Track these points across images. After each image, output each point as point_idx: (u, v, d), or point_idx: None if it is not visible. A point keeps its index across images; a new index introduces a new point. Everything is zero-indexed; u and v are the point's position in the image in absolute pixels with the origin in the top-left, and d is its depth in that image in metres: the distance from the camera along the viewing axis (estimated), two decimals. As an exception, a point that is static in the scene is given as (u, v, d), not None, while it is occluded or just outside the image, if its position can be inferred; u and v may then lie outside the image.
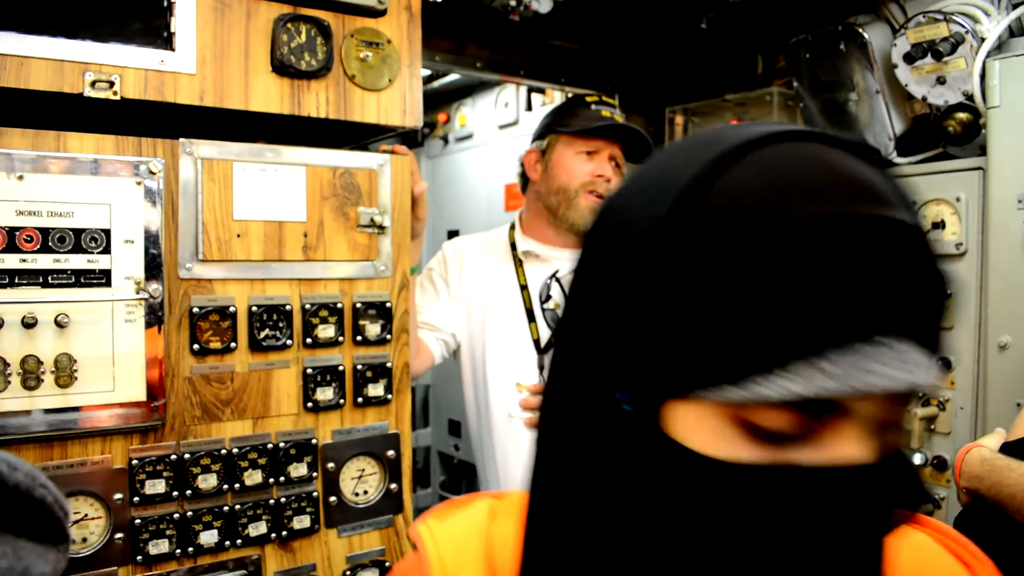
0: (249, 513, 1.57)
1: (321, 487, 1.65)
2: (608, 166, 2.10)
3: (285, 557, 1.62)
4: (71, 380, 1.39)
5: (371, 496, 1.71)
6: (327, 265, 1.64)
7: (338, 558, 1.68)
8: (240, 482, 1.56)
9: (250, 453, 1.57)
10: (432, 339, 2.11)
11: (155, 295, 1.45)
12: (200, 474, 1.52)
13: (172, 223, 1.48)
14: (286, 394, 1.61)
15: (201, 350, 1.52)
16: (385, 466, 1.73)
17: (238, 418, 1.57)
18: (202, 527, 1.53)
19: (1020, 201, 2.11)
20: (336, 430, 1.67)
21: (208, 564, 1.54)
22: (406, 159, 1.73)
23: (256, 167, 1.54)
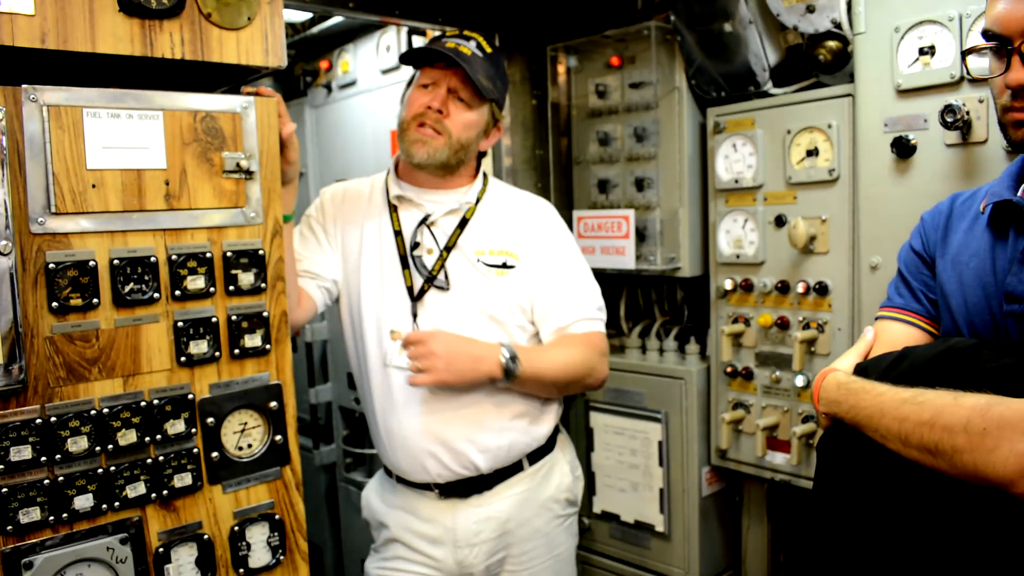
0: (126, 474, 1.52)
1: (201, 443, 1.61)
2: (441, 98, 2.05)
3: (168, 517, 1.58)
4: (-84, 346, 1.30)
5: (255, 449, 1.68)
6: (192, 214, 1.58)
7: (224, 514, 1.65)
8: (114, 443, 1.51)
9: (122, 412, 1.52)
10: (313, 287, 2.07)
11: (5, 252, 1.37)
12: (69, 437, 1.46)
13: (19, 175, 1.39)
14: (157, 349, 1.56)
15: (61, 308, 1.45)
16: (268, 418, 1.69)
17: (107, 377, 1.51)
18: (76, 492, 1.47)
19: (886, 125, 2.19)
20: (214, 384, 1.63)
21: (86, 529, 1.49)
22: (272, 100, 1.67)
23: (108, 113, 1.46)
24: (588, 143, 3.08)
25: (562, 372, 2.12)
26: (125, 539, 1.52)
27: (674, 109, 2.82)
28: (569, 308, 2.17)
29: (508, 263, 2.11)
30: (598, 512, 3.05)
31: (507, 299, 2.09)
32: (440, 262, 2.07)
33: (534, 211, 2.24)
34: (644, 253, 2.88)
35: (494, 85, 2.09)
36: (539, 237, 2.17)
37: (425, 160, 2.03)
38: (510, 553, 2.14)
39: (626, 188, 2.95)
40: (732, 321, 2.69)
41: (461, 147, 2.07)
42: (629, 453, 2.93)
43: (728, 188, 2.67)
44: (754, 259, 2.62)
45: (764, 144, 2.57)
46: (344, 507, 3.65)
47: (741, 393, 2.70)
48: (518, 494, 2.13)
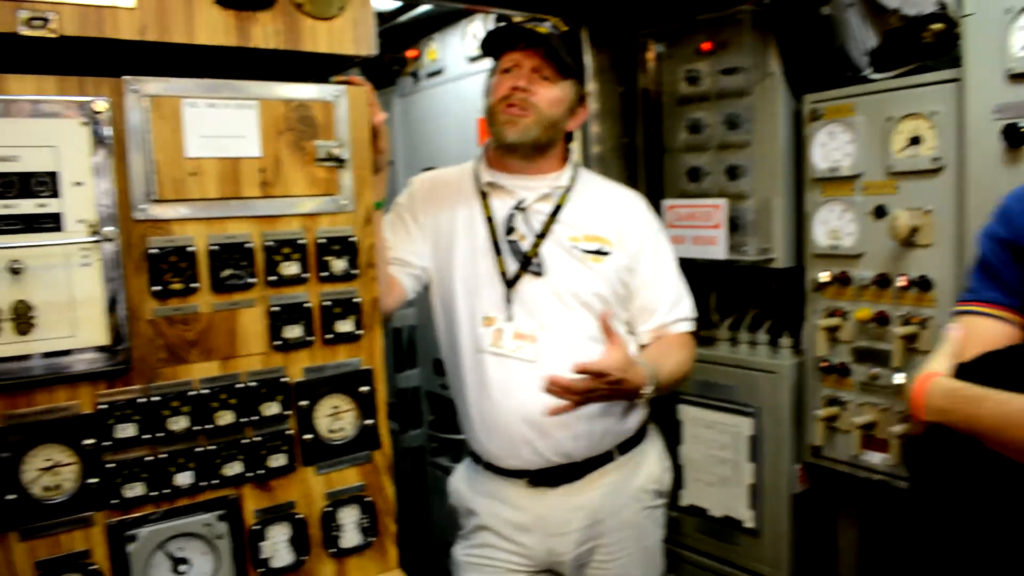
0: (224, 454, 1.57)
1: (295, 425, 1.65)
2: (525, 77, 2.04)
3: (263, 496, 1.63)
4: (30, 327, 1.37)
5: (347, 433, 1.71)
6: (287, 201, 1.61)
7: (317, 495, 1.68)
8: (212, 423, 1.55)
9: (220, 394, 1.56)
10: (403, 274, 2.10)
11: (111, 237, 1.43)
12: (170, 416, 1.51)
13: (122, 164, 1.44)
14: (253, 333, 1.60)
15: (162, 292, 1.50)
16: (359, 402, 1.72)
17: (205, 359, 1.56)
18: (176, 469, 1.53)
19: (996, 112, 2.09)
20: (307, 368, 1.66)
21: (186, 505, 1.55)
22: (363, 89, 1.69)
23: (206, 103, 1.51)
24: (678, 131, 3.03)
25: (672, 381, 2.13)
26: (223, 516, 1.57)
27: (768, 95, 2.75)
28: (671, 306, 2.18)
29: (603, 250, 2.10)
30: (685, 505, 3.01)
31: (603, 286, 2.08)
32: (535, 247, 2.07)
33: (627, 201, 2.23)
34: (736, 243, 2.82)
35: (575, 61, 2.09)
36: (633, 228, 2.16)
37: (518, 139, 2.04)
38: (600, 543, 2.13)
39: (717, 177, 2.89)
40: (828, 315, 2.61)
41: (551, 124, 2.07)
42: (718, 447, 2.88)
43: (825, 177, 2.59)
44: (852, 251, 2.53)
45: (864, 131, 2.48)
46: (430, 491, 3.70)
47: (836, 389, 2.62)
48: (608, 484, 2.12)
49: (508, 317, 2.06)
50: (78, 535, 1.44)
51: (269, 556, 1.61)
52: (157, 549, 1.51)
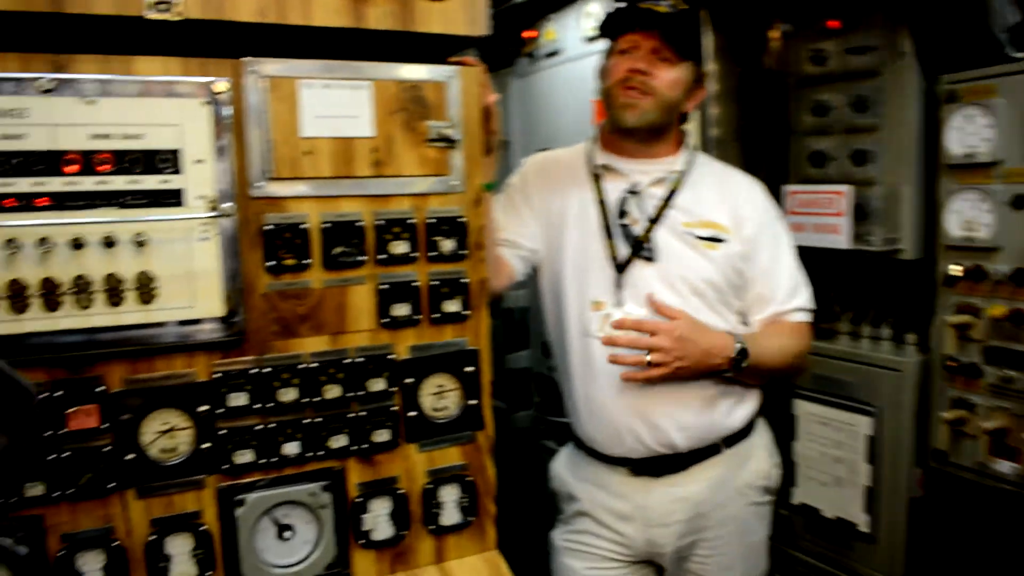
0: (330, 426, 1.61)
1: (400, 402, 1.68)
2: (645, 59, 1.98)
3: (367, 470, 1.66)
4: (152, 297, 1.44)
5: (451, 412, 1.73)
6: (398, 181, 1.63)
7: (419, 472, 1.71)
8: (320, 396, 1.59)
9: (329, 368, 1.60)
10: (513, 256, 2.09)
11: (229, 213, 1.48)
12: (280, 388, 1.56)
13: (240, 142, 1.49)
14: (362, 310, 1.63)
15: (276, 267, 1.54)
16: (464, 382, 1.73)
17: (316, 333, 1.60)
18: (284, 439, 1.58)
19: None
20: (413, 346, 1.68)
21: (293, 474, 1.60)
22: (476, 70, 1.69)
23: (321, 83, 1.54)
24: (802, 113, 2.91)
25: (780, 364, 2.08)
26: (327, 486, 1.61)
27: (899, 76, 2.60)
28: (789, 295, 2.10)
29: (718, 236, 2.04)
30: (796, 504, 2.91)
31: (716, 273, 2.02)
32: (647, 232, 2.03)
33: (744, 187, 2.15)
34: (861, 233, 2.69)
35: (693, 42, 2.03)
36: (750, 214, 2.09)
37: (636, 123, 2.00)
38: (702, 537, 2.08)
39: (842, 162, 2.76)
40: (958, 311, 2.46)
41: (669, 106, 2.03)
42: (834, 445, 2.77)
43: (960, 163, 2.43)
44: (988, 243, 2.38)
45: (1005, 115, 2.31)
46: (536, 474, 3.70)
47: (964, 391, 2.47)
48: (713, 477, 2.07)
49: (617, 302, 2.03)
50: (190, 496, 1.51)
51: (370, 528, 1.65)
52: (264, 514, 1.57)
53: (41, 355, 1.37)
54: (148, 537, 1.48)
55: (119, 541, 1.46)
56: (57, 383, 1.40)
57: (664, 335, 1.92)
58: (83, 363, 1.42)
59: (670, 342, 1.92)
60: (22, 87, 1.32)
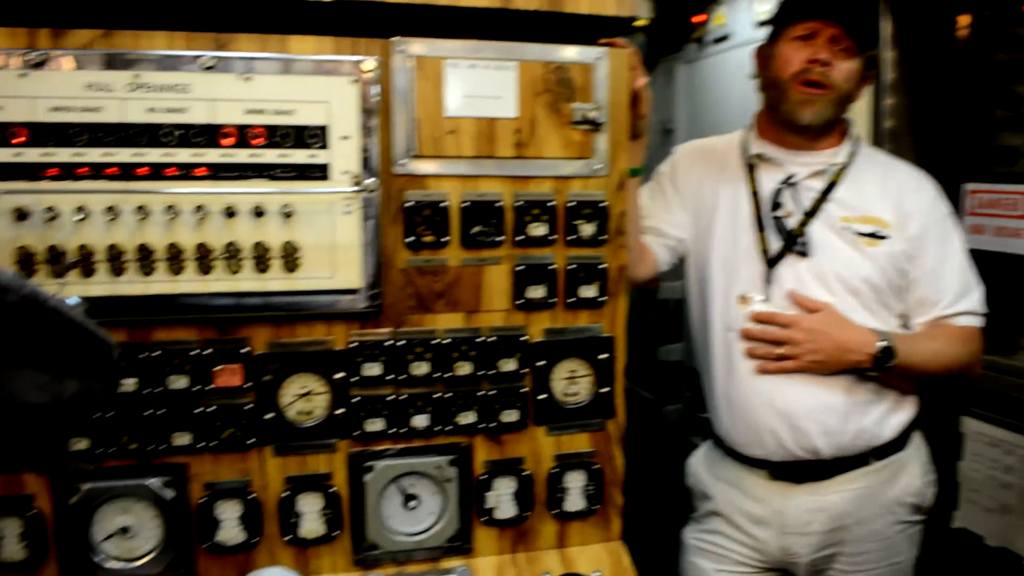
0: (459, 403, 1.64)
1: (531, 384, 1.68)
2: (826, 49, 1.87)
3: (494, 448, 1.68)
4: (296, 266, 1.50)
5: (582, 398, 1.71)
6: (540, 163, 1.62)
7: (546, 455, 1.71)
8: (451, 372, 1.62)
9: (461, 345, 1.63)
10: (658, 245, 2.05)
11: (372, 189, 1.53)
12: (413, 361, 1.60)
13: (386, 120, 1.53)
14: (497, 290, 1.64)
15: (415, 243, 1.58)
16: (597, 369, 1.71)
17: (450, 310, 1.63)
18: (415, 411, 1.62)
19: None
20: (547, 329, 1.68)
21: (420, 446, 1.64)
22: (625, 52, 1.65)
23: (467, 64, 1.55)
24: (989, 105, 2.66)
25: (936, 370, 1.94)
26: (453, 461, 1.64)
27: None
28: (956, 298, 1.95)
29: (879, 233, 1.91)
30: (956, 528, 2.70)
31: (875, 272, 1.90)
32: (802, 226, 1.93)
33: (912, 182, 2.00)
34: (1053, 239, 2.44)
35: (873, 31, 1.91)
36: (916, 211, 1.94)
37: (813, 120, 1.91)
38: (842, 551, 1.97)
39: (1036, 160, 2.52)
40: None
41: (844, 99, 1.93)
42: (1004, 469, 2.54)
43: None
44: None
45: None
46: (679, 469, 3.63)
47: None
48: (858, 489, 1.95)
49: (766, 298, 1.95)
50: (322, 458, 1.59)
51: (493, 506, 1.67)
52: (391, 482, 1.62)
53: (193, 315, 1.48)
54: (282, 493, 1.57)
55: (255, 494, 1.56)
56: (207, 342, 1.50)
57: (797, 327, 1.86)
58: (230, 325, 1.51)
59: (802, 334, 1.85)
60: (186, 64, 1.42)
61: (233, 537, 1.56)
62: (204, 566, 1.57)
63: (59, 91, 1.39)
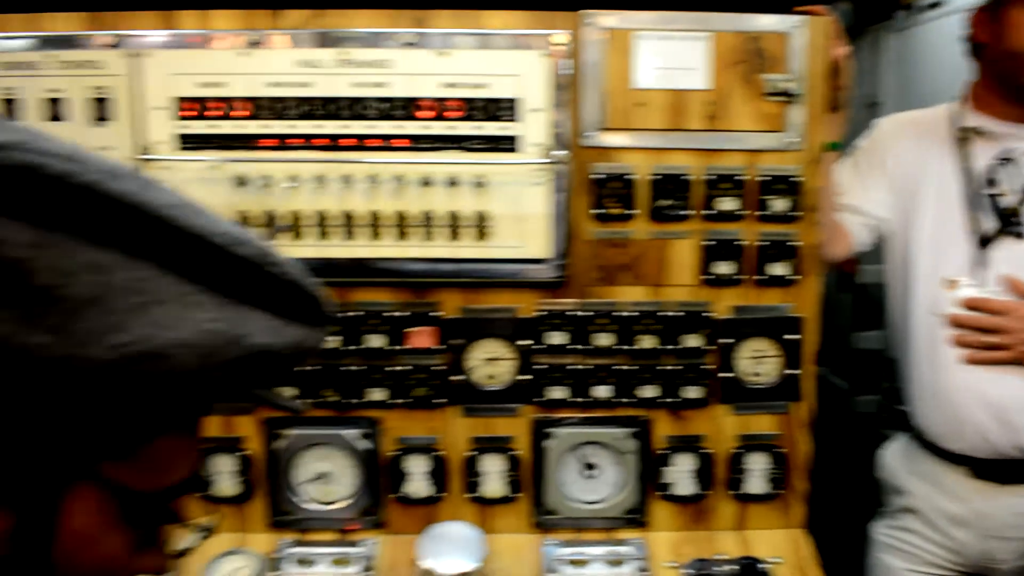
0: (641, 376, 1.64)
1: (715, 361, 1.66)
2: None
3: (674, 424, 1.67)
4: (487, 235, 1.56)
5: (768, 378, 1.67)
6: (730, 136, 1.59)
7: (727, 434, 1.68)
8: (634, 345, 1.63)
9: (645, 319, 1.63)
10: (855, 223, 1.94)
11: (560, 161, 1.55)
12: (597, 332, 1.62)
13: (576, 93, 1.55)
14: (683, 265, 1.63)
15: (602, 216, 1.60)
16: (785, 350, 1.66)
17: (635, 283, 1.63)
18: (596, 382, 1.64)
19: None
20: (734, 306, 1.65)
21: (600, 416, 1.66)
22: (824, 20, 1.58)
23: (658, 35, 1.54)
24: None
25: None
26: (634, 434, 1.65)
27: None
28: None
29: None
30: None
31: None
32: (1020, 205, 1.78)
33: None
34: None
35: None
36: None
37: None
38: (1052, 560, 1.82)
39: None
40: None
41: None
42: None
43: None
44: None
45: None
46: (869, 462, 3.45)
47: None
48: (1077, 496, 1.78)
49: (977, 282, 1.81)
50: (506, 422, 1.64)
51: (671, 482, 1.67)
52: (571, 450, 1.65)
53: (390, 278, 1.57)
54: (467, 452, 1.64)
55: (443, 451, 1.64)
56: (402, 304, 1.59)
57: (1012, 315, 1.72)
58: (424, 289, 1.60)
59: (1018, 323, 1.71)
60: (388, 41, 1.50)
61: (420, 490, 1.65)
62: (392, 514, 1.67)
63: (274, 68, 1.51)
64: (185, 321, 0.55)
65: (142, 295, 0.53)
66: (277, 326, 0.61)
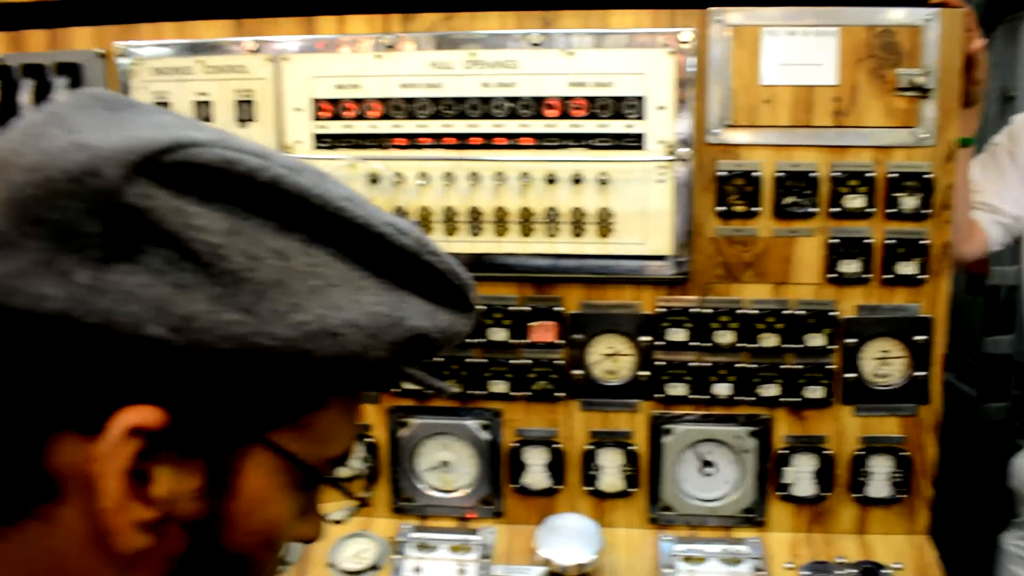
0: (762, 374, 1.63)
1: (839, 362, 1.63)
2: None
3: (795, 424, 1.65)
4: (609, 231, 1.58)
5: (894, 380, 1.63)
6: (859, 132, 1.56)
7: (850, 436, 1.65)
8: (756, 343, 1.62)
9: (767, 317, 1.61)
10: (989, 221, 1.87)
11: (684, 158, 1.56)
12: (718, 329, 1.62)
13: (701, 90, 1.55)
14: (808, 263, 1.61)
15: (725, 213, 1.59)
16: (912, 351, 1.62)
17: (758, 281, 1.62)
18: (717, 379, 1.64)
19: None
20: (860, 305, 1.62)
21: (719, 415, 1.65)
22: (959, 12, 1.53)
23: (786, 31, 1.53)
24: None
25: None
26: (753, 432, 1.64)
27: None
28: None
29: None
30: None
31: None
32: None
33: None
34: None
35: None
36: None
37: None
38: None
39: None
40: None
41: None
42: None
43: None
44: None
45: None
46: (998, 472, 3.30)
47: None
48: None
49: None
50: (624, 416, 1.66)
51: (791, 482, 1.65)
52: (689, 447, 1.65)
53: (514, 273, 1.61)
54: (585, 446, 1.66)
55: (561, 444, 1.66)
56: (525, 299, 1.63)
57: None
58: (546, 284, 1.63)
59: None
60: (515, 42, 1.54)
61: (538, 482, 1.68)
62: (510, 504, 1.71)
63: (406, 70, 1.56)
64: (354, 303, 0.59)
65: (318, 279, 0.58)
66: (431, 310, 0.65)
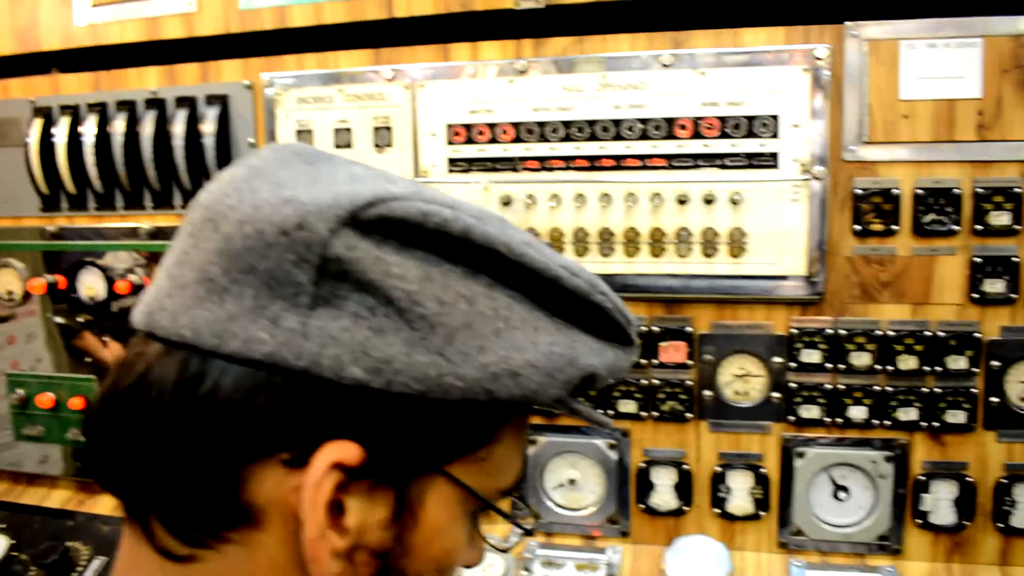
0: (900, 398, 1.58)
1: (983, 385, 1.56)
2: None
3: (935, 449, 1.59)
4: (741, 251, 1.56)
5: (1043, 406, 1.56)
6: (1005, 146, 1.50)
7: (994, 463, 1.58)
8: (894, 365, 1.57)
9: (907, 338, 1.56)
10: None
11: (819, 176, 1.53)
12: (854, 351, 1.58)
13: (837, 107, 1.52)
14: (949, 282, 1.55)
15: (862, 231, 1.55)
16: (1058, 376, 1.55)
17: (896, 301, 1.57)
18: (852, 402, 1.59)
19: None
20: (1005, 327, 1.55)
21: (854, 438, 1.61)
22: (1114, 20, 1.46)
23: (925, 43, 1.48)
24: None
25: None
26: (890, 458, 1.59)
27: None
28: None
29: None
30: None
31: None
32: None
33: None
34: None
35: None
36: None
37: None
38: None
39: None
40: None
41: None
42: None
43: None
44: None
45: None
46: None
47: None
48: None
49: None
50: (755, 438, 1.63)
51: (929, 510, 1.59)
52: (822, 471, 1.62)
53: (644, 293, 1.61)
54: (714, 468, 1.65)
55: (689, 466, 1.65)
56: (655, 319, 1.63)
57: None
58: (677, 304, 1.62)
59: None
60: (646, 64, 1.54)
61: (666, 503, 1.67)
62: (636, 524, 1.70)
63: (538, 93, 1.59)
64: (533, 344, 0.62)
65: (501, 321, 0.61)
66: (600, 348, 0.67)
